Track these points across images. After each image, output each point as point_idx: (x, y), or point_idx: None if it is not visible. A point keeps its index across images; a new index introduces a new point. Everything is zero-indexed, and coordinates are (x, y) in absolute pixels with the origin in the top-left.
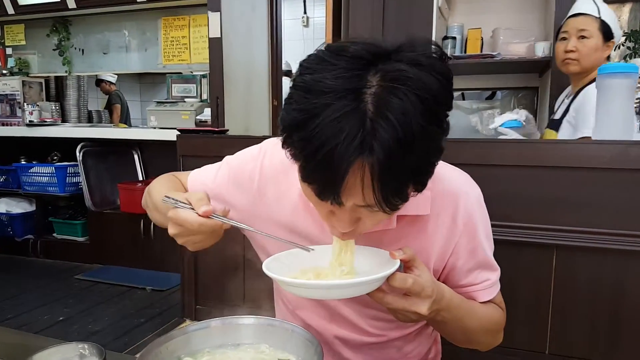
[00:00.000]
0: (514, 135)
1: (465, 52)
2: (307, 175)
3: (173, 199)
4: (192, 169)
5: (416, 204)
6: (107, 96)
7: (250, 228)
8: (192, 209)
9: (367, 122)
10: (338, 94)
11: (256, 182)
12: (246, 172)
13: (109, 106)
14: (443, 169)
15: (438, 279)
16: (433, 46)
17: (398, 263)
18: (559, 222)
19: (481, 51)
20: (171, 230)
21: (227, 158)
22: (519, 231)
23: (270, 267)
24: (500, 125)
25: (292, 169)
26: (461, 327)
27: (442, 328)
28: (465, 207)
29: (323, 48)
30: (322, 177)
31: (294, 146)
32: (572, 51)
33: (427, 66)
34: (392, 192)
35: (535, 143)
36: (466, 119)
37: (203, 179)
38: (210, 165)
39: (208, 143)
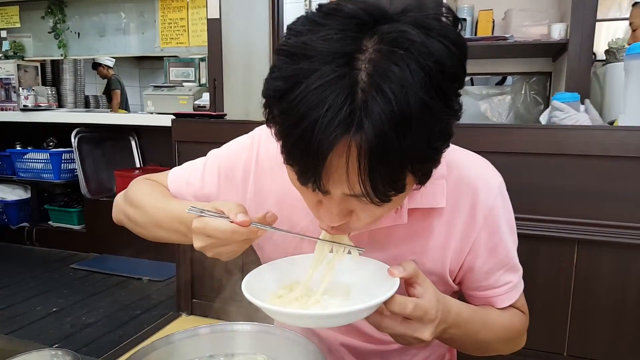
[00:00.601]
0: (570, 111)
1: (475, 34)
2: (287, 156)
3: (199, 209)
4: (189, 155)
5: (430, 195)
6: (106, 81)
7: (291, 232)
8: (222, 217)
9: (357, 92)
10: (325, 58)
11: (252, 176)
12: (240, 163)
13: (107, 91)
14: (460, 154)
15: (454, 280)
16: (445, 9)
17: (397, 284)
18: (581, 215)
19: (492, 34)
20: (198, 244)
21: (214, 152)
22: (536, 224)
23: (250, 285)
24: (553, 98)
25: None
26: (474, 342)
27: (452, 344)
28: (486, 197)
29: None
30: (302, 157)
31: (275, 122)
32: None
33: (435, 30)
34: (383, 180)
35: (555, 129)
36: (475, 105)
37: (187, 178)
38: (191, 162)
39: (205, 128)
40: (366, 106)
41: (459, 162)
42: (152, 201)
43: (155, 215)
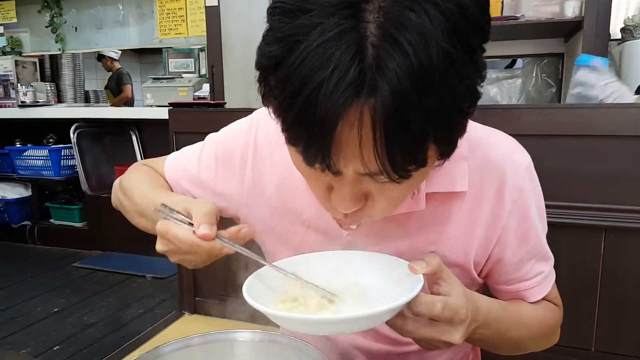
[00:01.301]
0: (605, 75)
1: None
2: (289, 133)
3: (169, 208)
4: (186, 145)
5: (450, 177)
6: (109, 75)
7: (262, 261)
8: (187, 222)
9: (367, 48)
10: (327, 10)
11: (249, 161)
12: (237, 149)
13: (118, 86)
14: (482, 132)
15: (479, 274)
16: None
17: (421, 281)
18: (609, 201)
19: (501, 14)
20: (159, 247)
21: (211, 136)
22: (561, 211)
23: (252, 288)
24: (576, 62)
25: None
26: (505, 340)
27: (481, 345)
28: (514, 180)
29: None
30: (306, 131)
31: (272, 95)
32: None
33: None
34: (403, 151)
35: (579, 108)
36: (484, 90)
37: (183, 163)
38: (189, 146)
39: (203, 118)
40: (379, 63)
41: (482, 140)
42: (141, 189)
43: (141, 204)
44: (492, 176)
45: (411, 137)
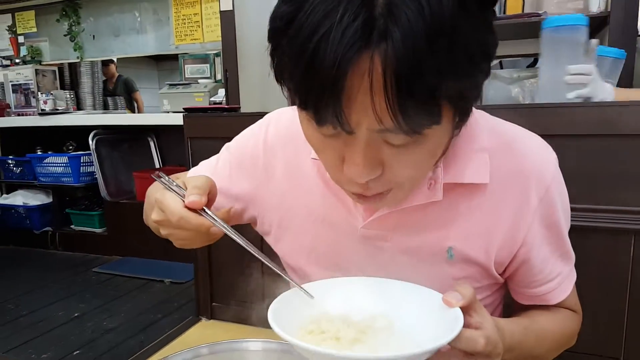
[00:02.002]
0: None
1: (504, 12)
2: (300, 89)
3: (167, 178)
4: (202, 151)
5: (470, 169)
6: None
7: (244, 242)
8: (181, 195)
9: None
10: None
11: (261, 159)
12: (248, 150)
13: (128, 94)
14: (509, 127)
15: (502, 274)
16: None
17: (461, 317)
18: (638, 203)
19: (523, 11)
20: (154, 215)
21: (226, 145)
22: (588, 214)
23: (278, 313)
24: (598, 53)
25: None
26: (527, 358)
27: None
28: (541, 176)
29: None
30: (316, 84)
31: (283, 57)
32: None
33: None
34: (416, 101)
35: (605, 106)
36: (506, 89)
37: (202, 172)
38: (206, 160)
39: (218, 122)
40: (390, 8)
41: (507, 135)
42: (152, 190)
43: (149, 201)
44: (517, 171)
45: (424, 86)
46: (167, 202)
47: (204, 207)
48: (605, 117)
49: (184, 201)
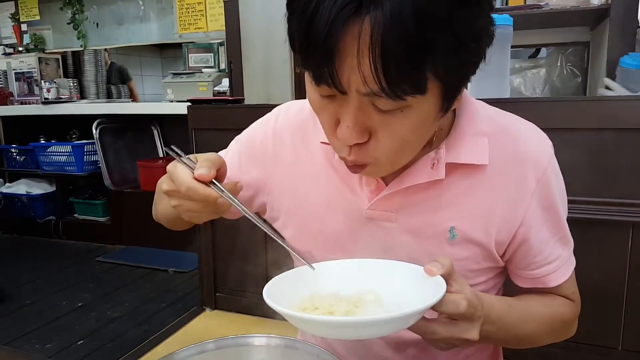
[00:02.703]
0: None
1: (506, 4)
2: (301, 50)
3: (179, 151)
4: (207, 144)
5: (470, 151)
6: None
7: (248, 213)
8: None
9: None
10: None
11: (270, 146)
12: (257, 138)
13: (122, 83)
14: (508, 115)
15: (502, 256)
16: None
17: (443, 282)
18: (637, 196)
19: (525, 2)
20: (164, 185)
21: (236, 138)
22: (587, 207)
23: (272, 292)
24: (621, 63)
25: (312, 122)
26: (513, 337)
27: (489, 342)
28: (538, 159)
29: None
30: (313, 46)
31: (292, 23)
32: None
33: None
34: (398, 67)
35: (606, 100)
36: (508, 80)
37: None
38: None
39: (222, 114)
40: None
41: (506, 122)
42: (161, 181)
43: (158, 192)
44: (515, 156)
45: (407, 53)
46: (177, 172)
47: (213, 180)
48: (605, 112)
49: (193, 173)
